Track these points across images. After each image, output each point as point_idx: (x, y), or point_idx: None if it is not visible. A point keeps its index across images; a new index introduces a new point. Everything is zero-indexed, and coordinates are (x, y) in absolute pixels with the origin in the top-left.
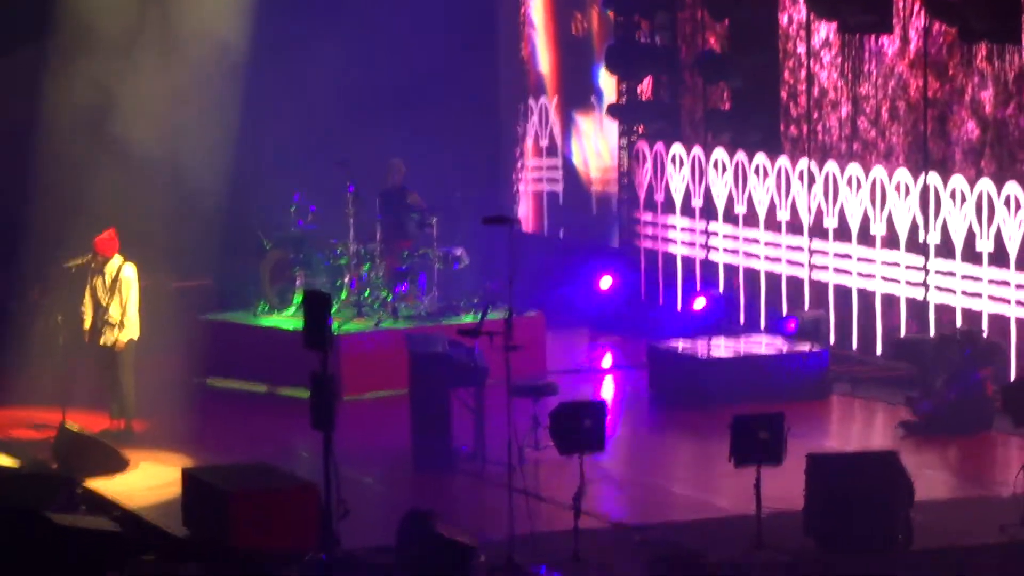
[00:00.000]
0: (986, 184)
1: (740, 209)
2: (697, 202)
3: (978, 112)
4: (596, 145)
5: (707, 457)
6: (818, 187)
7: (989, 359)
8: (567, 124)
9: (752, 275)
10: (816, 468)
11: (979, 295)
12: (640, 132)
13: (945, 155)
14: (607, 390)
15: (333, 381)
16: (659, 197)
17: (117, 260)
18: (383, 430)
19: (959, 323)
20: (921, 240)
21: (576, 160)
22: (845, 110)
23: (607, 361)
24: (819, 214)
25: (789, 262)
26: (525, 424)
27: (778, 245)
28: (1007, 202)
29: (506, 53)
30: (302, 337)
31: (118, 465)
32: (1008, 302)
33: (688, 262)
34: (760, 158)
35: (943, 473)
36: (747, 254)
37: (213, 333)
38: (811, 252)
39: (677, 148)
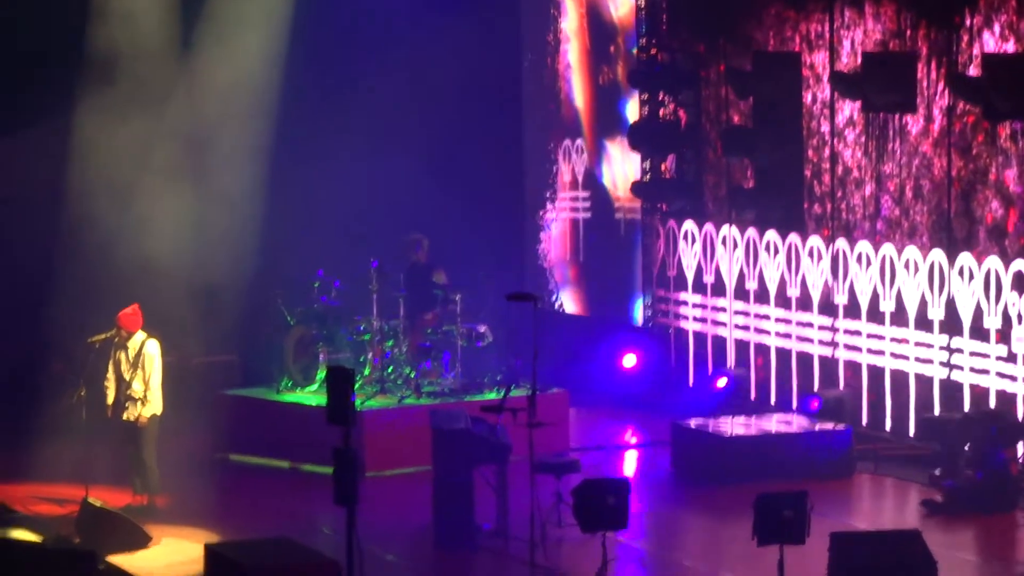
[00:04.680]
0: (1021, 264)
1: (770, 288)
2: (717, 279)
3: (1002, 191)
4: (624, 169)
5: (730, 536)
6: (845, 265)
7: (1015, 438)
8: (599, 152)
9: (783, 354)
10: (840, 547)
11: (1015, 377)
12: (664, 210)
13: (969, 233)
14: (630, 467)
15: (356, 457)
16: (684, 275)
17: (140, 335)
18: (406, 507)
19: (992, 404)
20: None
21: (606, 181)
22: (869, 189)
23: (630, 438)
24: (851, 294)
25: (820, 342)
26: (548, 501)
27: (809, 325)
28: None
29: (532, 102)
30: (325, 413)
31: (141, 541)
32: None
33: (715, 341)
34: (791, 237)
35: (966, 553)
36: (778, 334)
37: (236, 409)
38: (837, 331)
39: (707, 227)
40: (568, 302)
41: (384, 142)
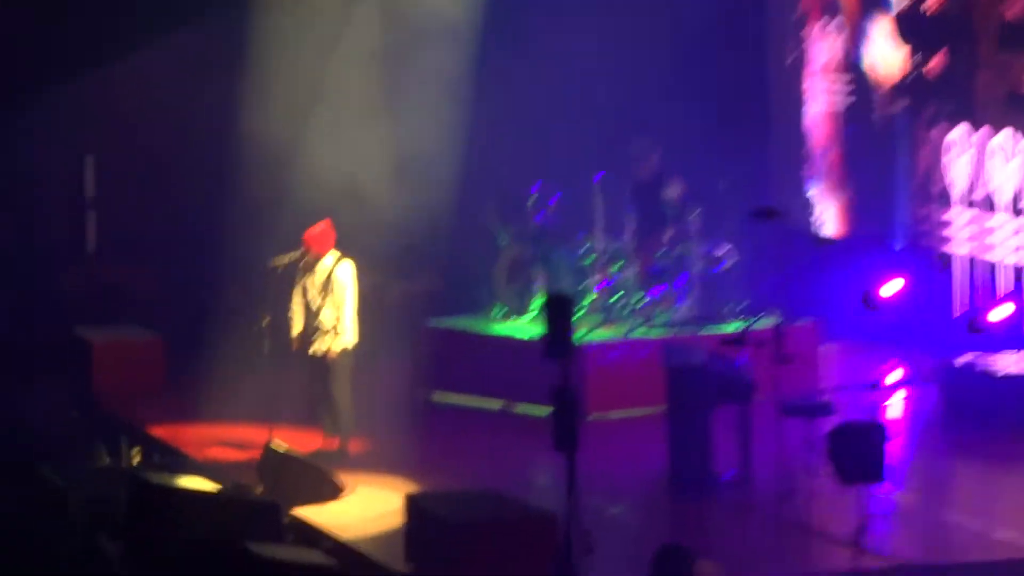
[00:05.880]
0: None
1: None
2: (990, 195)
3: None
4: (884, 52)
5: (1004, 488)
6: None
7: None
8: (859, 34)
9: None
10: None
11: None
12: (931, 113)
13: None
14: (892, 410)
15: (577, 397)
16: (956, 189)
17: (331, 257)
18: (634, 453)
19: None
20: None
21: (865, 67)
22: None
23: (892, 377)
24: None
25: None
26: (797, 448)
27: None
28: None
29: None
30: (542, 346)
31: (331, 490)
32: None
33: (993, 267)
34: None
35: None
36: None
37: (440, 341)
38: None
39: (982, 133)
40: (821, 217)
41: (606, 35)
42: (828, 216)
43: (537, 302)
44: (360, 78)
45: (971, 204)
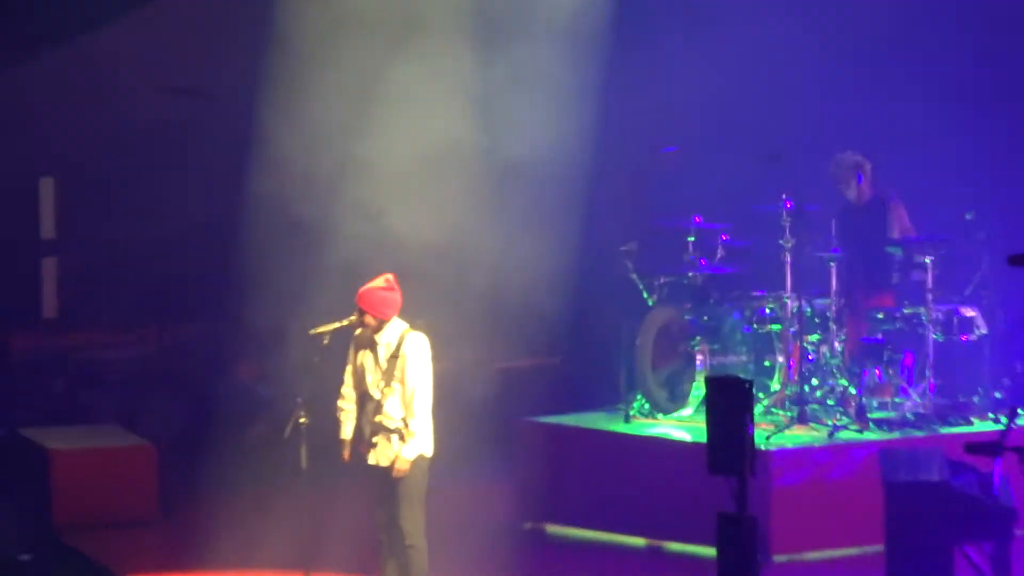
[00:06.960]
0: None
1: None
2: None
3: None
4: None
5: None
6: None
7: None
8: None
9: None
10: None
11: None
12: None
13: None
14: None
15: (756, 529)
16: None
17: (398, 327)
18: None
19: None
20: None
21: None
22: None
23: None
24: None
25: None
26: None
27: None
28: None
29: None
30: (705, 455)
31: None
32: None
33: None
34: None
35: None
36: None
37: (556, 448)
38: None
39: None
40: None
41: (797, 10)
42: None
43: (698, 391)
44: (439, 65)
45: None
